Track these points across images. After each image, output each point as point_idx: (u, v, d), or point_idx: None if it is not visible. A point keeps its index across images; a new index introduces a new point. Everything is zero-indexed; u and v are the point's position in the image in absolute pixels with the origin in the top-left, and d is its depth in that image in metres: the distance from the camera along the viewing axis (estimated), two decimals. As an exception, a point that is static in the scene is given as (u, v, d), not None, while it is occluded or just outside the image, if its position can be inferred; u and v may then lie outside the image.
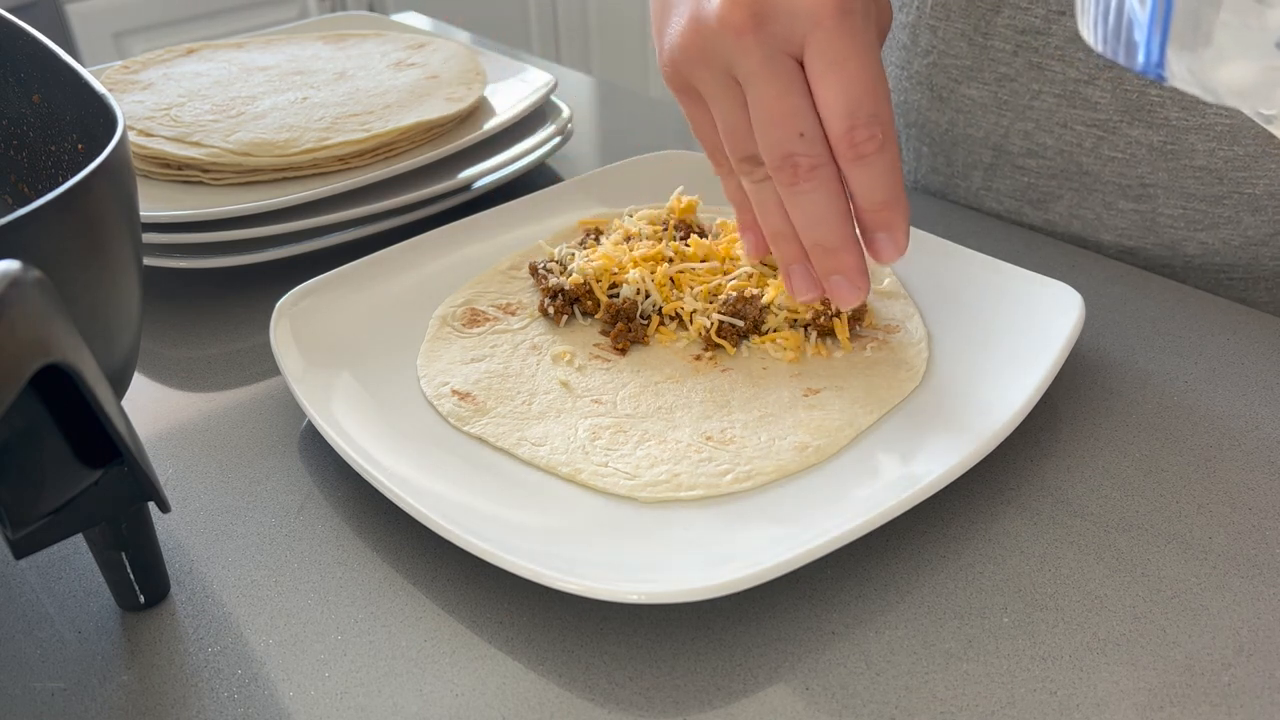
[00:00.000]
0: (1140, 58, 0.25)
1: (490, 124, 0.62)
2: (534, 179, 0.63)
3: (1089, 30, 0.26)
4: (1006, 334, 0.44)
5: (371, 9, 2.16)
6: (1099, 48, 0.26)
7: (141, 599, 0.35)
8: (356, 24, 0.81)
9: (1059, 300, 0.44)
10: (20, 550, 0.30)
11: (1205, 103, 0.51)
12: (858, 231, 0.39)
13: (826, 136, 0.36)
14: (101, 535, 0.33)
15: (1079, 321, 0.43)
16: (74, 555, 0.38)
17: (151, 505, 0.33)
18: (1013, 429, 0.38)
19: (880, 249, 0.38)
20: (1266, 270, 0.54)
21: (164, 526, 0.39)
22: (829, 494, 0.37)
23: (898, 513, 0.35)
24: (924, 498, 0.35)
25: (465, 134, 0.61)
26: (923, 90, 0.60)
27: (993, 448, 0.37)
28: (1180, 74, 0.24)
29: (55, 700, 0.32)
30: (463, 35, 0.92)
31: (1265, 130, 0.51)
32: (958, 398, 0.41)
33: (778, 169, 0.37)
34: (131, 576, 0.34)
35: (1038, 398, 0.39)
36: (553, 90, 0.66)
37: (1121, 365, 0.46)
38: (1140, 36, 0.24)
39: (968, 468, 0.36)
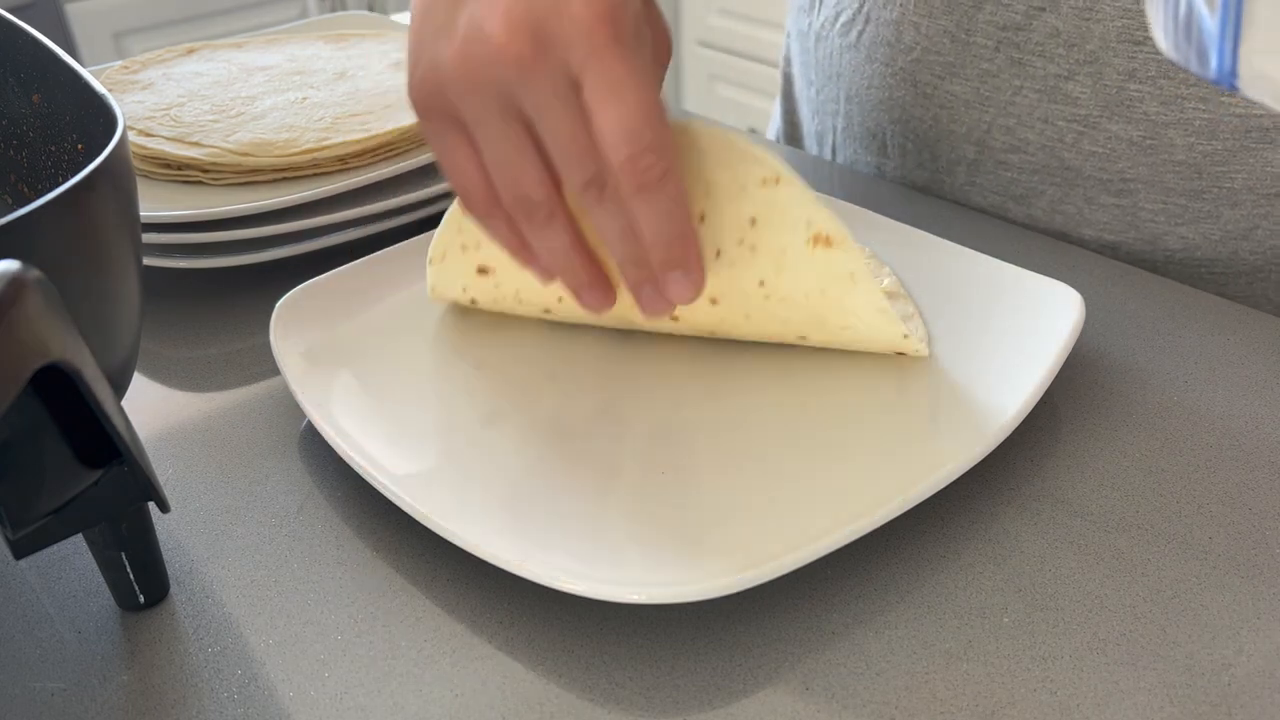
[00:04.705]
0: (1213, 64, 0.24)
1: (490, 124, 0.62)
2: (534, 179, 0.63)
3: (1159, 35, 0.25)
4: (1006, 334, 0.44)
5: (371, 9, 2.16)
6: (1172, 54, 0.25)
7: (141, 599, 0.35)
8: (356, 24, 0.81)
9: (1059, 300, 0.44)
10: (20, 550, 0.30)
11: (1183, 97, 0.51)
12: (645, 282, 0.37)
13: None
14: (101, 535, 0.33)
15: (1079, 321, 0.43)
16: (74, 555, 0.38)
17: (151, 505, 0.33)
18: (1013, 429, 0.38)
19: (676, 288, 0.37)
20: (1245, 265, 0.55)
21: (164, 526, 0.39)
22: (829, 493, 0.37)
23: (898, 512, 0.35)
24: (924, 498, 0.35)
25: (465, 134, 0.60)
26: (907, 87, 0.60)
27: (993, 448, 0.37)
28: (1253, 84, 0.23)
29: (55, 700, 0.32)
30: (463, 35, 0.91)
31: (1242, 125, 0.51)
32: (958, 398, 0.41)
33: (589, 192, 0.35)
34: (131, 576, 0.34)
35: (1038, 398, 0.39)
36: (553, 90, 0.66)
37: (1121, 365, 0.46)
38: (1211, 43, 0.23)
39: (968, 468, 0.36)
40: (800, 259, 0.40)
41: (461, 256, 0.45)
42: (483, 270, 0.45)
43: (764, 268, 0.40)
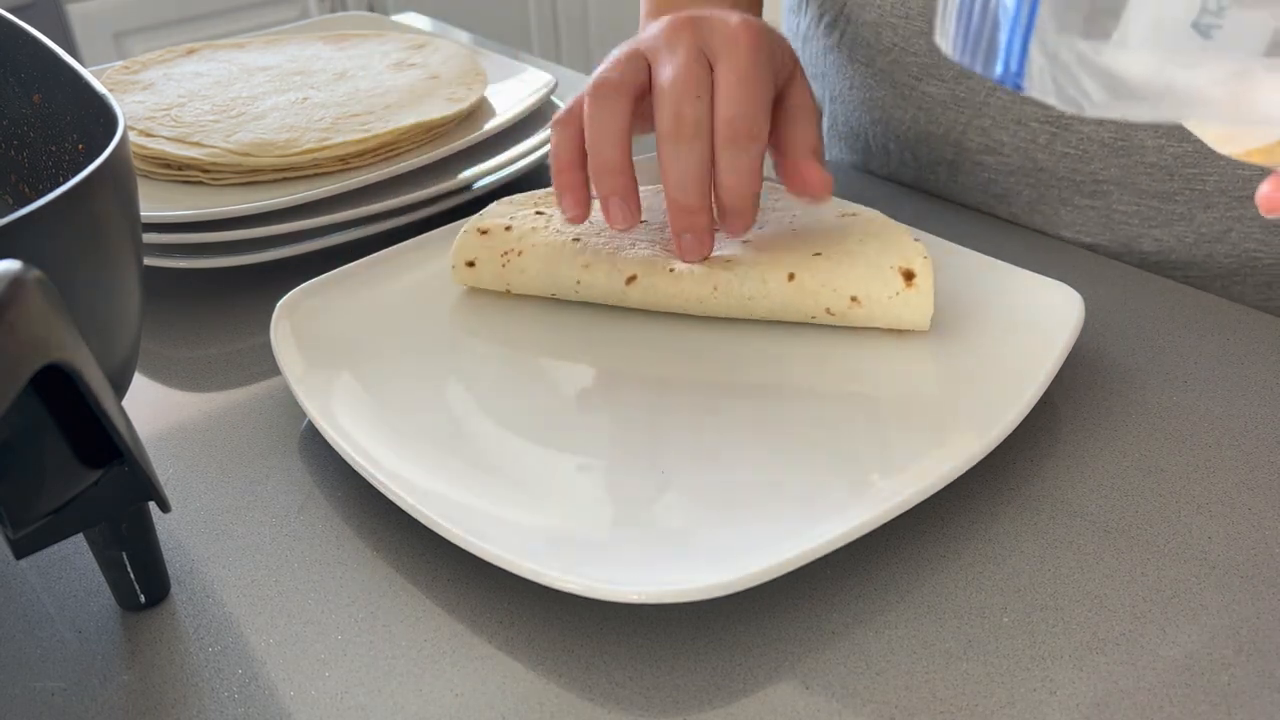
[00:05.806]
0: (999, 63, 0.23)
1: (490, 124, 0.62)
2: (534, 179, 0.63)
3: (945, 38, 0.25)
4: (1006, 334, 0.44)
5: (371, 9, 2.16)
6: (955, 54, 0.25)
7: (142, 599, 0.35)
8: (357, 24, 0.81)
9: (1059, 300, 0.44)
10: (20, 550, 0.30)
11: None
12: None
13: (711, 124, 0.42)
14: (102, 535, 0.33)
15: (1079, 321, 0.43)
16: (74, 555, 0.38)
17: (152, 505, 0.33)
18: (1013, 429, 0.38)
19: (731, 225, 0.44)
20: (1220, 268, 0.55)
21: (164, 526, 0.39)
22: (829, 494, 0.37)
23: (898, 512, 0.35)
24: (924, 498, 0.35)
25: (465, 134, 0.61)
26: (886, 88, 0.60)
27: (993, 448, 0.37)
28: (1040, 81, 0.23)
29: (55, 700, 0.32)
30: (463, 35, 0.92)
31: None
32: (957, 398, 0.41)
33: (670, 124, 0.42)
34: (132, 576, 0.34)
35: (1038, 398, 0.39)
36: (553, 91, 0.66)
37: (1121, 365, 0.46)
38: (1003, 37, 0.23)
39: (968, 468, 0.36)
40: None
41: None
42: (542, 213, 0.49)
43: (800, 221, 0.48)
